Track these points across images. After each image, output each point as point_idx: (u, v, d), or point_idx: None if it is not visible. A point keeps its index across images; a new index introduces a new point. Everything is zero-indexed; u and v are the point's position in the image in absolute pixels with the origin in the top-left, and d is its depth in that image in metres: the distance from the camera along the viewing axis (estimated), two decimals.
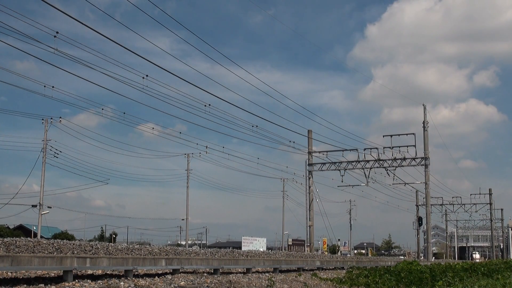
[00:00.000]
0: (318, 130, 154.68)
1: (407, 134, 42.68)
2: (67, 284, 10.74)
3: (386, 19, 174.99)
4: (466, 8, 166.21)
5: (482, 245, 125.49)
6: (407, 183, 45.76)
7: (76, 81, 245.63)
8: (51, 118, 48.16)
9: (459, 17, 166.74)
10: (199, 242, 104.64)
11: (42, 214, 48.73)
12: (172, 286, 12.51)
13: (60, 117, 48.32)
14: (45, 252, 15.03)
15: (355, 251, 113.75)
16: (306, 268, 23.53)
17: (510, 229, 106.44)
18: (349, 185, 45.61)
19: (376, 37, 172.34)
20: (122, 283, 11.65)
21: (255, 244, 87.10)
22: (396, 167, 42.31)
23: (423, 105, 46.00)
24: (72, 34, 37.67)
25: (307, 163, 44.19)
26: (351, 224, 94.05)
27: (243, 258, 19.66)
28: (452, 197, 74.34)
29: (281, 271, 20.08)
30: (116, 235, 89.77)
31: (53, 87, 27.49)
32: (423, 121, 45.32)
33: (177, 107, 32.56)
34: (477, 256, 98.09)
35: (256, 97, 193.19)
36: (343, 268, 26.82)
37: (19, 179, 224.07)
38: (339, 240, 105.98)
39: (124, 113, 33.20)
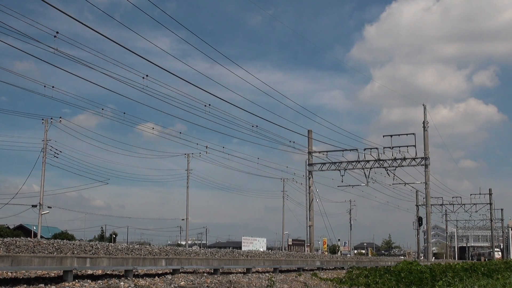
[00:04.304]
0: (318, 130, 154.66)
1: (407, 134, 42.68)
2: (67, 284, 10.73)
3: (384, 20, 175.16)
4: (464, 8, 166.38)
5: (482, 245, 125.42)
6: (407, 183, 45.78)
7: (76, 81, 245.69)
8: (51, 118, 48.20)
9: (457, 17, 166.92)
10: (199, 242, 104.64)
11: (42, 214, 48.72)
12: (172, 286, 12.51)
13: (60, 117, 48.36)
14: (45, 252, 15.03)
15: (355, 251, 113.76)
16: (306, 268, 23.52)
17: (510, 229, 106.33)
18: (349, 185, 45.65)
19: (374, 38, 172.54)
20: (122, 283, 11.65)
21: (255, 244, 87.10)
22: (396, 167, 42.31)
23: (423, 105, 46.02)
24: (72, 34, 37.70)
25: (307, 163, 44.18)
26: (351, 224, 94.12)
27: (243, 258, 19.66)
28: (452, 197, 74.44)
29: (281, 271, 20.07)
30: (116, 235, 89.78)
31: (53, 87, 27.55)
32: (423, 121, 45.30)
33: (177, 107, 32.58)
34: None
35: (256, 97, 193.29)
36: (343, 268, 26.82)
37: (19, 179, 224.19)
38: (339, 240, 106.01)
39: (124, 113, 33.31)
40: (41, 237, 40.32)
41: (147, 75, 21.74)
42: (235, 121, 41.94)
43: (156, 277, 13.55)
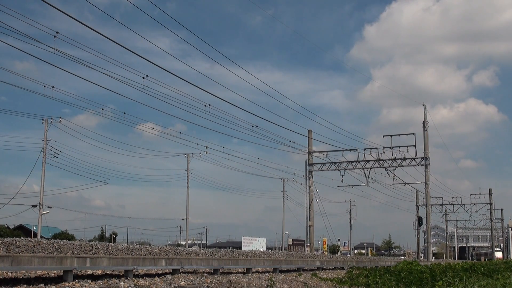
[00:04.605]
0: (318, 130, 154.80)
1: (407, 134, 42.68)
2: (67, 284, 10.73)
3: (384, 20, 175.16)
4: (464, 8, 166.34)
5: (482, 245, 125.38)
6: (407, 183, 45.76)
7: (76, 81, 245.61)
8: (51, 118, 48.22)
9: (457, 17, 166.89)
10: (199, 242, 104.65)
11: (42, 214, 48.73)
12: (172, 286, 12.51)
13: (60, 117, 48.37)
14: (45, 252, 15.03)
15: (355, 251, 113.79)
16: (306, 268, 23.52)
17: (510, 229, 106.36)
18: (349, 185, 45.63)
19: (374, 38, 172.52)
20: (122, 283, 11.65)
21: (255, 244, 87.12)
22: (396, 167, 42.30)
23: (423, 105, 46.01)
24: (72, 34, 37.70)
25: (307, 163, 44.18)
26: (351, 224, 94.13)
27: (243, 258, 19.66)
28: (452, 197, 74.45)
29: (281, 271, 20.07)
30: (116, 235, 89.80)
31: (53, 87, 27.55)
32: (423, 121, 45.29)
33: (177, 107, 32.64)
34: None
35: (256, 97, 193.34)
36: (343, 268, 26.81)
37: (19, 179, 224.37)
38: (339, 240, 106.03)
39: (124, 113, 33.30)
40: (41, 237, 40.32)
41: (147, 75, 21.76)
42: (235, 121, 41.97)
43: (156, 277, 13.55)
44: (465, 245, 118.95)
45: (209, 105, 25.98)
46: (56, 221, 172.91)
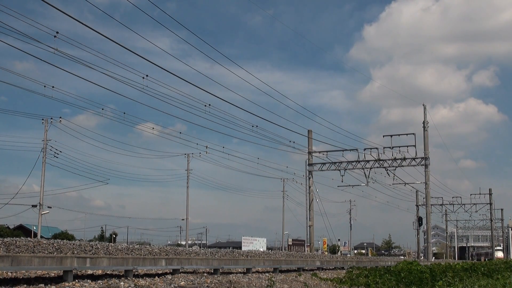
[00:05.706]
0: (318, 130, 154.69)
1: (407, 134, 42.65)
2: (67, 284, 10.73)
3: (383, 20, 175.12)
4: (464, 8, 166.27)
5: (482, 245, 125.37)
6: (407, 183, 45.75)
7: (76, 81, 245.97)
8: (51, 118, 48.21)
9: (457, 17, 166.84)
10: (199, 242, 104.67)
11: (42, 214, 48.73)
12: (172, 286, 12.51)
13: (60, 117, 48.35)
14: (45, 252, 15.03)
15: (355, 251, 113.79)
16: (306, 268, 23.52)
17: (510, 229, 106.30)
18: (349, 185, 45.62)
19: (374, 38, 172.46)
20: (122, 283, 11.65)
21: (255, 244, 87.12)
22: (396, 167, 42.29)
23: (423, 105, 45.99)
24: (72, 34, 37.68)
25: (307, 163, 44.18)
26: (351, 224, 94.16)
27: (243, 258, 19.66)
28: (452, 197, 74.45)
29: (281, 271, 20.08)
30: (116, 235, 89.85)
31: (53, 87, 27.52)
32: (423, 121, 45.28)
33: (177, 107, 32.62)
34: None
35: (256, 97, 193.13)
36: (343, 268, 26.82)
37: (19, 179, 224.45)
38: (339, 240, 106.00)
39: (124, 113, 33.24)
40: (41, 237, 40.31)
41: (147, 75, 21.74)
42: (235, 121, 41.87)
43: (156, 277, 13.55)
44: (465, 245, 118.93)
45: (209, 105, 25.98)
46: (56, 221, 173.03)
